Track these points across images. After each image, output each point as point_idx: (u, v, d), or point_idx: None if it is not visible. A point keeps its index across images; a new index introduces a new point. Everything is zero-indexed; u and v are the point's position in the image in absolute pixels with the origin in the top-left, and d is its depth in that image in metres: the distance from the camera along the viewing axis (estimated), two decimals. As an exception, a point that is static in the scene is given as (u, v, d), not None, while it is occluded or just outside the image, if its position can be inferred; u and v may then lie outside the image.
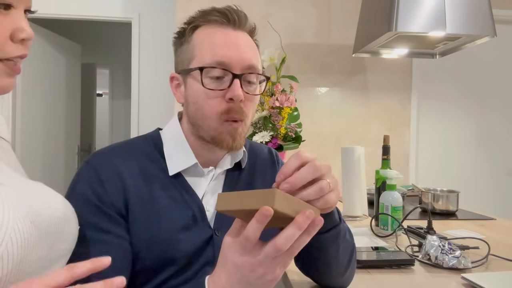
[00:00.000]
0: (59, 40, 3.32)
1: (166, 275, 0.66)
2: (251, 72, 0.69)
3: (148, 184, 0.68)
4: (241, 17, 0.70)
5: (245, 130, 0.71)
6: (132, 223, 0.65)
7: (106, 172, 0.66)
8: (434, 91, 2.67)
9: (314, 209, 0.51)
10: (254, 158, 0.82)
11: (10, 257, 0.40)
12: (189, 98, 0.71)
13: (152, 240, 0.65)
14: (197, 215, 0.69)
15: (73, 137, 3.61)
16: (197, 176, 0.72)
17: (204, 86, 0.66)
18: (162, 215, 0.67)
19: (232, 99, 0.66)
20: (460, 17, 1.53)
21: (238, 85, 0.66)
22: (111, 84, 5.00)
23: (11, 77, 0.50)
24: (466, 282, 0.84)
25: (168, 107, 2.68)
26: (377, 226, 1.33)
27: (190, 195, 0.70)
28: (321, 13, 2.51)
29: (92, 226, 0.62)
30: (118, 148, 0.72)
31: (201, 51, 0.68)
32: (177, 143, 0.73)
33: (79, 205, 0.59)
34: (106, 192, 0.64)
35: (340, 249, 0.68)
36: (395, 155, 2.26)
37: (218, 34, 0.68)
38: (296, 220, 0.46)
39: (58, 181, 3.31)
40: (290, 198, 0.48)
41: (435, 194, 1.65)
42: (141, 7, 2.81)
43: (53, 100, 3.26)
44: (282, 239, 0.46)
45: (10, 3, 0.48)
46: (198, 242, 0.68)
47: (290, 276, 0.88)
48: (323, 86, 2.53)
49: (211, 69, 0.66)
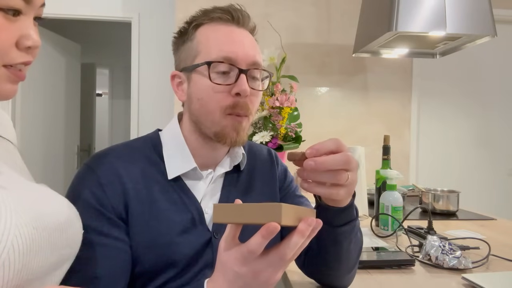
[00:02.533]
0: (58, 39, 3.32)
1: (166, 277, 0.66)
2: (256, 67, 0.69)
3: (148, 187, 0.68)
4: (245, 15, 0.71)
5: (248, 126, 0.72)
6: (132, 226, 0.65)
7: (105, 175, 0.66)
8: (434, 91, 2.67)
9: (312, 211, 0.51)
10: (253, 160, 0.81)
11: (12, 265, 0.40)
12: (193, 95, 0.70)
13: (152, 243, 0.65)
14: (196, 218, 0.69)
15: (72, 137, 3.61)
16: (196, 179, 0.72)
17: (212, 80, 0.66)
18: (162, 218, 0.67)
19: (239, 93, 0.66)
20: (460, 17, 1.53)
21: (244, 80, 0.67)
22: (110, 84, 5.01)
23: (14, 84, 0.50)
24: (466, 282, 0.84)
25: (168, 107, 2.68)
26: (377, 226, 1.32)
27: (189, 198, 0.70)
28: (321, 13, 2.51)
29: (92, 230, 0.62)
30: (117, 150, 0.72)
31: (207, 47, 0.68)
32: (176, 145, 0.72)
33: (79, 208, 0.59)
34: (106, 195, 0.64)
35: (352, 244, 0.68)
36: (395, 155, 2.26)
37: (223, 30, 0.69)
38: (300, 228, 0.47)
39: (57, 181, 3.31)
40: (293, 208, 0.47)
41: (435, 194, 1.65)
42: (141, 7, 2.80)
43: (52, 100, 3.26)
44: (286, 248, 0.47)
45: (19, 9, 0.47)
46: (197, 245, 0.68)
47: (291, 276, 0.88)
48: (323, 86, 2.53)
49: (218, 64, 0.66)
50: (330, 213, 0.63)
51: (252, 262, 0.48)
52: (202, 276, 0.64)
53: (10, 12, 0.47)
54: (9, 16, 0.47)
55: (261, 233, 0.45)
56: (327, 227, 0.63)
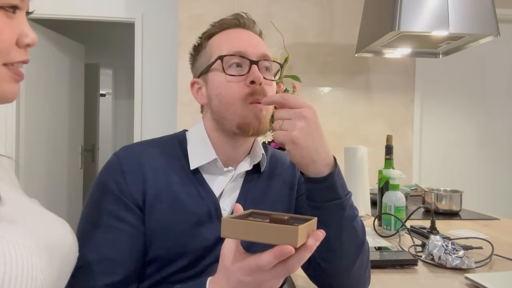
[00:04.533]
0: (62, 40, 3.33)
1: (177, 267, 0.68)
2: (266, 59, 0.74)
3: (167, 178, 0.71)
4: (250, 21, 0.78)
5: (268, 116, 0.74)
6: (148, 213, 0.68)
7: (128, 163, 0.70)
8: (437, 90, 2.66)
9: (315, 220, 0.52)
10: (274, 164, 0.83)
11: None
12: (211, 92, 0.74)
13: (166, 232, 0.68)
14: (212, 212, 0.71)
15: (76, 137, 3.62)
16: (215, 174, 0.75)
17: (226, 73, 0.71)
18: (177, 208, 0.70)
19: (253, 81, 0.70)
20: (463, 17, 1.53)
21: (256, 69, 0.71)
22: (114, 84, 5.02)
23: (17, 83, 0.50)
24: (469, 282, 0.84)
25: (171, 107, 2.68)
26: (380, 226, 1.32)
27: (207, 192, 0.72)
28: (323, 13, 2.51)
29: (108, 213, 0.67)
30: (145, 143, 0.77)
31: (218, 47, 0.74)
32: (200, 140, 0.76)
33: (99, 191, 0.68)
34: (126, 182, 0.68)
35: (345, 234, 0.66)
36: (398, 155, 2.25)
37: (232, 33, 0.76)
38: (309, 245, 0.48)
39: (61, 181, 3.32)
40: (305, 228, 0.47)
41: (438, 194, 1.65)
42: (144, 8, 2.81)
43: (56, 100, 3.27)
44: (295, 262, 0.48)
45: (16, 4, 0.48)
46: (210, 239, 0.70)
47: (296, 281, 0.88)
48: (326, 86, 2.53)
49: (231, 57, 0.71)
50: (308, 186, 0.66)
51: (258, 274, 0.49)
52: (212, 270, 0.66)
53: (9, 9, 0.47)
54: (9, 13, 0.47)
55: (274, 253, 0.46)
56: (311, 205, 0.66)
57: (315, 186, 0.65)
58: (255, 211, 0.56)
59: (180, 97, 2.39)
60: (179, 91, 2.39)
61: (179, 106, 2.40)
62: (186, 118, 2.38)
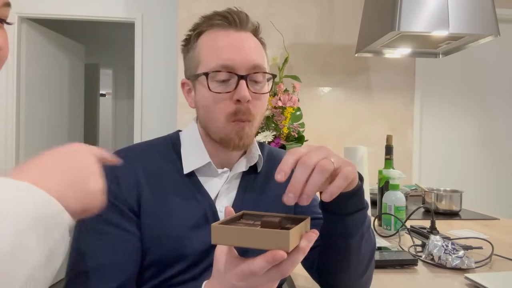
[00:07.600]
0: (62, 40, 3.33)
1: (175, 271, 0.67)
2: (257, 71, 0.69)
3: (161, 182, 0.70)
4: (242, 18, 0.71)
5: (253, 130, 0.72)
6: (144, 218, 0.67)
7: (121, 168, 0.68)
8: (437, 90, 2.66)
9: (308, 220, 0.51)
10: (271, 163, 0.81)
11: None
12: (198, 103, 0.73)
13: (162, 236, 0.67)
14: (209, 214, 0.70)
15: (76, 137, 3.62)
16: (210, 176, 0.74)
17: (211, 90, 0.68)
18: (173, 212, 0.69)
19: (239, 100, 0.67)
20: (463, 17, 1.53)
21: (244, 86, 0.67)
22: (114, 84, 5.03)
23: None
24: (469, 282, 0.84)
25: (171, 107, 2.68)
26: (380, 226, 1.32)
27: (202, 195, 0.71)
28: (323, 13, 2.51)
29: (103, 220, 0.65)
30: (137, 147, 0.76)
31: (206, 56, 0.70)
32: (193, 143, 0.75)
33: None
34: (120, 188, 0.67)
35: (364, 241, 0.65)
36: (398, 155, 2.25)
37: (221, 37, 0.70)
38: (302, 246, 0.47)
39: (61, 181, 3.32)
40: (297, 230, 0.47)
41: (438, 194, 1.65)
42: (144, 8, 2.81)
43: (56, 100, 3.27)
44: (288, 265, 0.47)
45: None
46: (207, 241, 0.68)
47: (295, 280, 0.88)
48: (326, 85, 2.53)
49: (217, 73, 0.68)
50: (338, 200, 0.56)
51: (252, 279, 0.49)
52: (210, 273, 0.66)
53: None
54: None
55: (266, 258, 0.45)
56: (336, 217, 0.62)
57: (350, 198, 0.60)
58: (247, 213, 0.56)
59: (180, 97, 2.40)
60: (179, 91, 2.39)
61: (179, 106, 2.40)
62: (186, 118, 2.38)
